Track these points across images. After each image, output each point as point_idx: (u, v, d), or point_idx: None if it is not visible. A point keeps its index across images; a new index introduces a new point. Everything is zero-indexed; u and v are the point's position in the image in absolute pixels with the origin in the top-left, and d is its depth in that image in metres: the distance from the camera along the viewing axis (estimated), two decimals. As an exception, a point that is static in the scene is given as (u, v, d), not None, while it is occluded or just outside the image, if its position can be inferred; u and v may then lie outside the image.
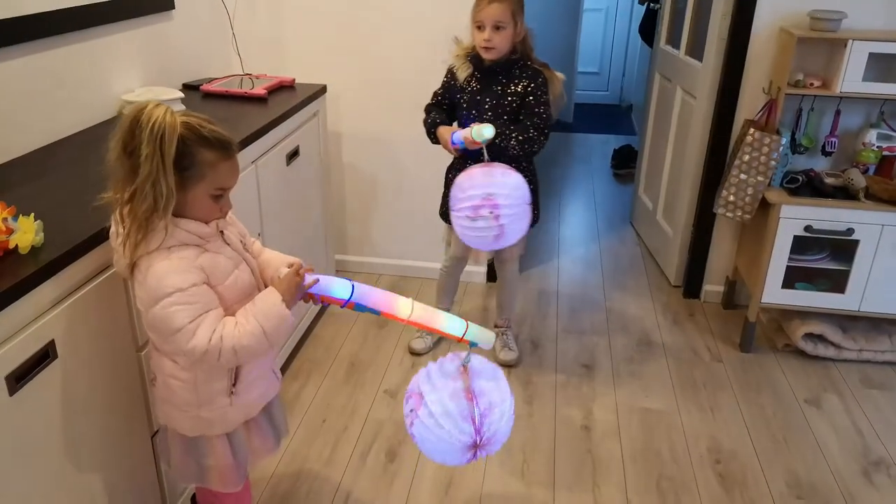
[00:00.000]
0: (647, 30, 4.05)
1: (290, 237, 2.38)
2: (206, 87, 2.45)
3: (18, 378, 1.19)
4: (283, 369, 2.47)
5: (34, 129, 1.86)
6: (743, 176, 2.52)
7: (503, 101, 2.18)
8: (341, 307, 1.34)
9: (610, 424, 2.28)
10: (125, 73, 2.24)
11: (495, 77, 2.18)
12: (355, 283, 1.33)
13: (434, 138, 2.26)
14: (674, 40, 3.31)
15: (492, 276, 3.07)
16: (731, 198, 2.58)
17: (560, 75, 2.25)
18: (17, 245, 1.24)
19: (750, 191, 2.53)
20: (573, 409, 2.35)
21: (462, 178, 1.84)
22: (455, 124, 2.28)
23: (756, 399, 2.41)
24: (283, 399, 1.60)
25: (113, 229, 1.29)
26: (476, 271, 3.10)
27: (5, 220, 1.25)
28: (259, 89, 2.41)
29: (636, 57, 5.92)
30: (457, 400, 1.23)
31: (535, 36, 2.23)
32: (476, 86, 2.21)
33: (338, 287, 1.33)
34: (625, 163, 4.65)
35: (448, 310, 2.65)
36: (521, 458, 2.13)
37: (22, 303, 1.20)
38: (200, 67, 2.68)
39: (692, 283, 3.06)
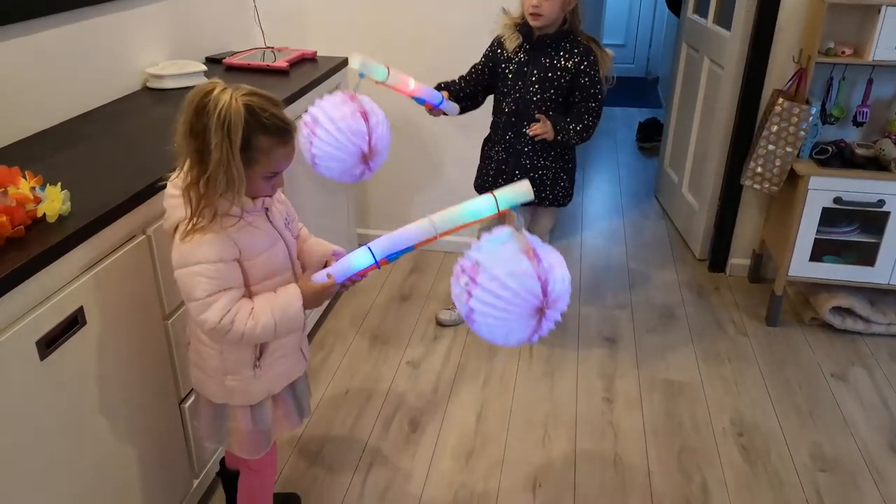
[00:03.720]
0: (675, 0, 3.97)
1: (313, 209, 2.39)
2: (228, 60, 2.45)
3: (48, 343, 1.22)
4: (308, 337, 2.49)
5: (60, 102, 1.88)
6: (771, 147, 2.47)
7: (550, 75, 2.16)
8: (378, 269, 1.34)
9: (632, 396, 2.28)
10: (150, 47, 2.26)
11: (544, 49, 2.16)
12: (369, 245, 1.31)
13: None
14: (701, 9, 3.24)
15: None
16: (759, 169, 2.53)
17: (609, 52, 2.22)
18: (44, 214, 1.27)
19: (778, 162, 2.48)
20: (595, 382, 2.35)
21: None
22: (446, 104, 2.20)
23: (781, 373, 2.39)
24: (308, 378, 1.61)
25: (170, 190, 1.30)
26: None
27: (33, 189, 1.28)
28: (281, 62, 2.42)
29: (663, 29, 5.81)
30: (518, 259, 1.13)
31: (585, 8, 2.20)
32: (524, 56, 2.19)
33: (359, 259, 1.32)
34: (650, 136, 4.59)
35: None
36: (542, 429, 2.14)
37: (50, 270, 1.22)
38: (223, 41, 2.68)
39: (718, 257, 3.02)
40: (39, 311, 1.21)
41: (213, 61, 2.52)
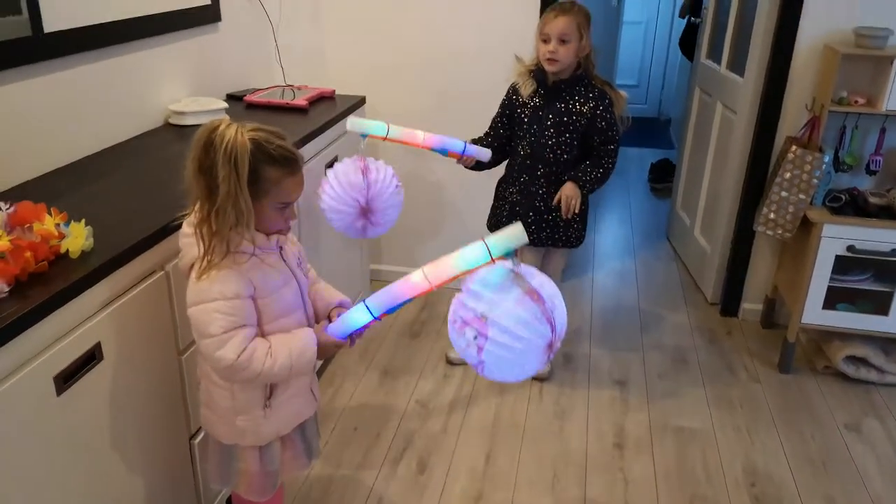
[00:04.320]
0: (688, 43, 4.03)
1: (326, 245, 2.41)
2: (248, 97, 2.50)
3: (66, 378, 1.23)
4: (317, 374, 2.50)
5: (84, 137, 1.92)
6: (784, 193, 2.48)
7: (566, 119, 2.19)
8: (380, 321, 1.35)
9: (643, 442, 2.25)
10: (172, 84, 2.30)
11: (559, 94, 2.19)
12: (365, 302, 1.32)
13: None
14: (715, 55, 3.28)
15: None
16: (772, 215, 2.54)
17: (623, 94, 2.26)
18: (68, 250, 1.29)
19: (791, 209, 2.49)
20: (605, 425, 2.33)
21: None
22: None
23: (794, 422, 2.37)
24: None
25: (184, 230, 1.33)
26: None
27: (58, 225, 1.30)
28: (300, 100, 2.46)
29: (675, 70, 5.87)
30: (525, 305, 1.12)
31: (599, 53, 2.25)
32: (539, 101, 2.22)
33: (358, 316, 1.33)
34: (662, 177, 4.61)
35: None
36: (551, 472, 2.12)
37: (71, 305, 1.24)
38: (245, 78, 2.74)
39: (730, 301, 3.02)
40: (58, 346, 1.22)
41: (233, 98, 2.57)
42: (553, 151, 2.22)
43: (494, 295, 1.14)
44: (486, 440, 2.24)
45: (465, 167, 2.28)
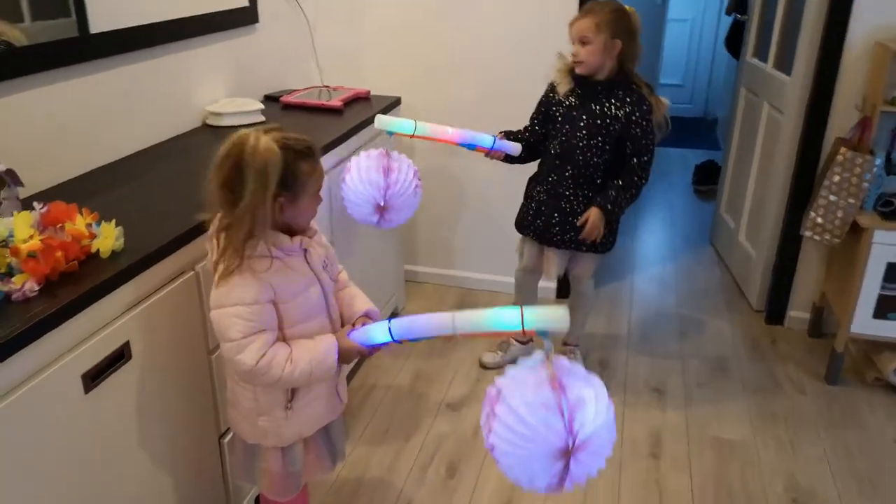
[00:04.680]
0: (734, 42, 3.91)
1: (359, 246, 2.40)
2: (285, 98, 2.52)
3: (94, 377, 1.25)
4: (350, 376, 2.50)
5: (123, 137, 1.96)
6: (832, 197, 2.38)
7: (599, 122, 2.13)
8: (400, 344, 1.35)
9: (680, 453, 2.19)
10: (211, 85, 2.33)
11: (595, 95, 2.14)
12: (390, 323, 1.31)
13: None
14: (761, 53, 3.18)
15: (562, 292, 3.01)
16: (820, 220, 2.44)
17: (665, 101, 2.19)
18: (98, 250, 1.30)
19: (840, 213, 2.39)
20: (641, 435, 2.27)
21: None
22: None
23: (840, 435, 2.27)
24: (346, 420, 1.61)
25: (211, 231, 1.33)
26: (545, 286, 3.05)
27: (89, 225, 1.32)
28: (335, 101, 2.46)
29: (722, 69, 5.72)
30: (541, 390, 1.02)
31: (641, 53, 2.17)
32: (574, 101, 2.18)
33: (378, 334, 1.33)
34: (707, 179, 4.49)
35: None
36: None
37: (100, 305, 1.25)
38: (282, 79, 2.76)
39: (776, 309, 2.91)
40: (87, 344, 1.23)
41: (271, 99, 2.59)
42: (583, 153, 2.17)
43: (517, 372, 1.08)
44: (517, 446, 2.20)
45: (494, 159, 2.24)
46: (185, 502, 1.58)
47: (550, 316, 1.10)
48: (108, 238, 1.31)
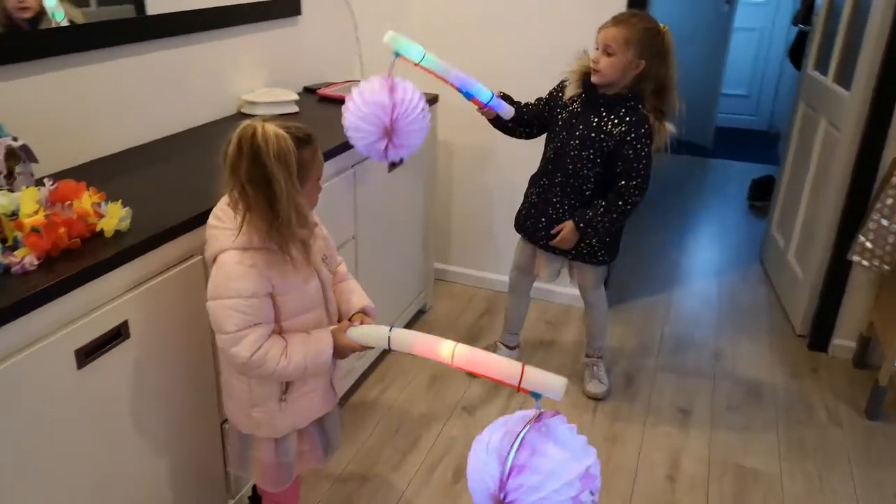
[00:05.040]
0: (798, 53, 3.74)
1: (386, 243, 2.39)
2: (322, 91, 2.53)
3: (88, 353, 1.27)
4: (370, 371, 2.49)
5: (160, 119, 2.00)
6: (884, 221, 2.24)
7: (594, 136, 2.07)
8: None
9: (699, 478, 2.10)
10: (250, 74, 2.36)
11: (597, 107, 2.08)
12: (391, 331, 1.29)
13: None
14: (822, 65, 3.02)
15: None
16: (869, 244, 2.30)
17: (670, 128, 2.09)
18: (102, 229, 1.33)
19: (891, 239, 2.24)
20: (659, 456, 2.18)
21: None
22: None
23: (875, 474, 2.13)
24: (341, 415, 1.58)
25: (211, 221, 1.34)
26: (572, 294, 2.98)
27: (97, 204, 1.34)
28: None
29: (789, 82, 5.48)
30: (503, 439, 1.07)
31: (674, 76, 2.05)
32: (577, 108, 2.12)
33: (377, 337, 1.32)
34: (764, 194, 4.30)
35: (516, 335, 2.57)
36: (593, 498, 2.00)
37: (99, 282, 1.27)
38: (323, 71, 2.77)
39: (820, 335, 2.76)
40: (83, 321, 1.25)
41: (309, 91, 2.60)
42: (573, 163, 2.11)
43: (508, 418, 1.12)
44: (528, 456, 2.15)
45: (485, 117, 2.16)
46: (185, 488, 1.60)
47: (548, 383, 1.11)
48: (113, 218, 1.33)
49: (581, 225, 2.12)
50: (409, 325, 2.80)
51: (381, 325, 1.36)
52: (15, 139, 1.38)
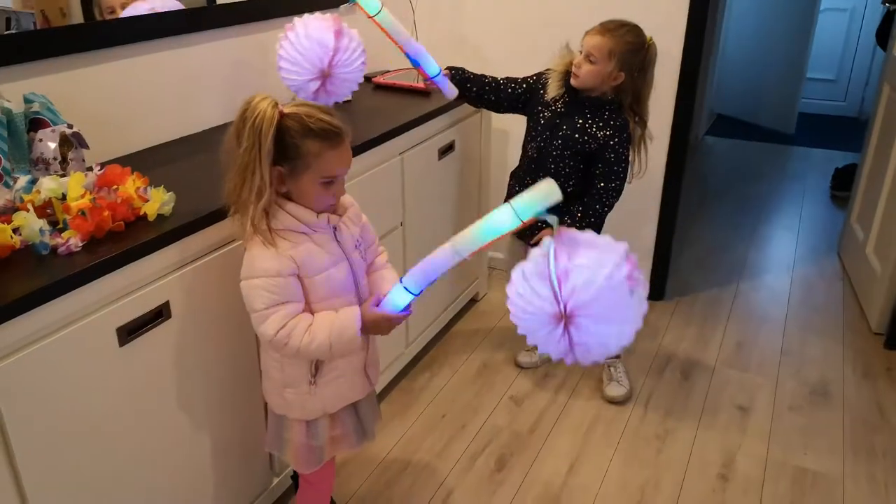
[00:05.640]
0: (884, 33, 3.49)
1: (434, 230, 2.39)
2: (376, 79, 2.55)
3: (129, 332, 1.33)
4: (419, 358, 2.51)
5: (213, 109, 2.06)
6: (969, 212, 2.07)
7: (577, 137, 2.03)
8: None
9: (753, 478, 2.01)
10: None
11: (581, 109, 2.03)
12: (403, 282, 1.30)
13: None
14: (909, 45, 2.81)
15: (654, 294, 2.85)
16: (952, 237, 2.13)
17: (649, 144, 2.08)
18: (146, 213, 1.39)
19: (977, 231, 2.07)
20: (712, 454, 2.10)
21: None
22: None
23: (951, 484, 1.98)
24: (376, 403, 1.58)
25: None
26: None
27: (141, 189, 1.40)
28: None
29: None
30: (535, 265, 1.06)
31: (650, 89, 2.03)
32: (561, 108, 2.07)
33: (400, 296, 1.32)
34: (847, 184, 4.05)
35: None
36: (638, 495, 1.95)
37: (141, 263, 1.33)
38: (383, 60, 2.79)
39: (898, 333, 2.59)
40: (125, 301, 1.31)
41: (366, 79, 2.62)
42: (555, 163, 2.07)
43: (536, 249, 1.09)
44: (573, 449, 2.12)
45: (427, 87, 2.16)
46: (228, 465, 1.66)
47: (539, 195, 1.09)
48: (155, 202, 1.39)
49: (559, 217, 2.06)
50: (461, 315, 2.80)
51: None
52: (70, 126, 1.46)
